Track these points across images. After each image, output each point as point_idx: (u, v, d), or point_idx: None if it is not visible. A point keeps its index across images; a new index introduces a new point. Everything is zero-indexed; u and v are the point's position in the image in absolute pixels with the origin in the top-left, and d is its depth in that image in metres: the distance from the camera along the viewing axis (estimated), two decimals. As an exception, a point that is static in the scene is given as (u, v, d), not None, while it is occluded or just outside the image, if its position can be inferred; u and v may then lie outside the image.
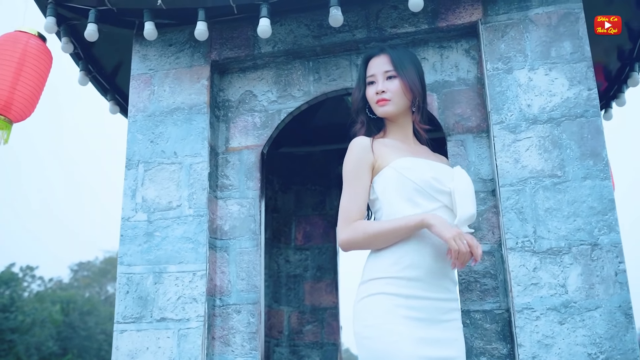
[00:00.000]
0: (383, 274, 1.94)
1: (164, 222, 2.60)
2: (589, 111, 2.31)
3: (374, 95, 2.13)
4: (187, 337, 2.45)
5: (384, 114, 2.14)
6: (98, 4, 2.65)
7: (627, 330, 2.10)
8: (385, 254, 1.97)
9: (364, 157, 2.03)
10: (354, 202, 1.99)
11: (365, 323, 1.92)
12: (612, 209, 2.21)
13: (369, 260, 2.03)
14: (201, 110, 2.70)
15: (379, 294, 1.92)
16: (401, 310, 1.88)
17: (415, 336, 1.85)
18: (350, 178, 2.02)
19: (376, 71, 2.14)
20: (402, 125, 2.18)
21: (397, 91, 2.11)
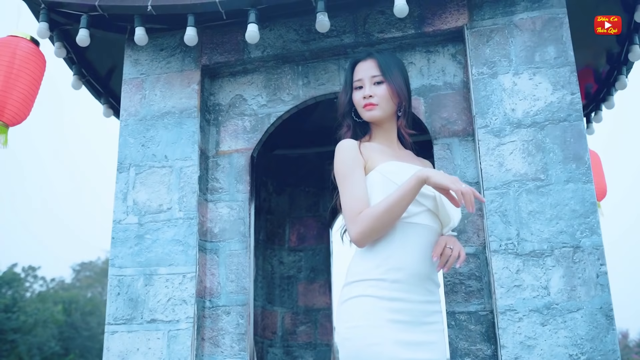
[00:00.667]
0: (366, 276, 1.97)
1: (154, 224, 2.64)
2: (572, 115, 2.35)
3: (361, 100, 2.15)
4: (177, 338, 2.49)
5: (370, 119, 2.17)
6: (90, 10, 2.68)
7: (608, 331, 2.13)
8: (369, 256, 1.99)
9: (355, 155, 2.06)
10: (355, 197, 1.97)
11: (347, 325, 1.95)
12: (594, 212, 2.24)
13: (353, 262, 2.06)
14: (192, 114, 2.74)
15: (362, 296, 1.95)
16: (384, 313, 1.91)
17: (396, 339, 1.88)
18: (347, 174, 2.02)
19: (363, 76, 2.16)
20: (388, 129, 2.21)
21: (384, 96, 2.14)
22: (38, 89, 2.82)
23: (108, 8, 2.66)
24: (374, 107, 2.13)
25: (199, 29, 2.77)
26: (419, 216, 2.02)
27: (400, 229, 1.99)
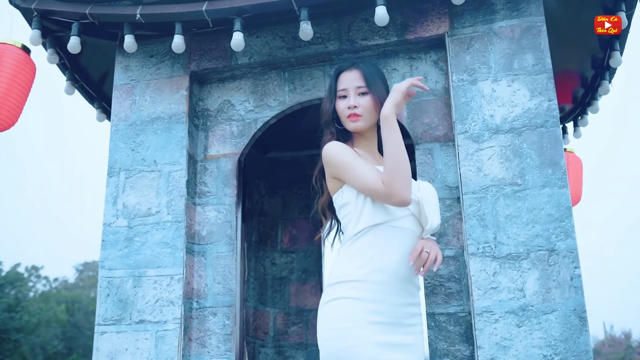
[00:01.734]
0: (349, 277, 2.01)
1: (143, 227, 2.70)
2: (548, 121, 2.40)
3: (345, 110, 2.18)
4: (164, 338, 2.55)
5: (354, 129, 2.19)
6: (81, 18, 2.75)
7: (581, 332, 2.19)
8: (352, 257, 2.03)
9: (348, 148, 2.10)
10: (370, 176, 1.99)
11: (329, 326, 1.99)
12: (569, 216, 2.30)
13: (336, 263, 2.10)
14: (180, 119, 2.80)
15: (344, 298, 2.00)
16: (365, 315, 1.95)
17: (376, 341, 1.93)
18: (347, 161, 2.04)
19: (348, 86, 2.19)
20: (369, 138, 2.25)
21: (368, 107, 2.17)
22: (27, 97, 2.89)
23: (98, 16, 2.73)
24: (358, 118, 2.16)
25: (187, 36, 2.84)
26: (403, 220, 2.07)
27: (384, 232, 2.03)
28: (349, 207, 2.09)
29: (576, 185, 4.00)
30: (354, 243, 2.05)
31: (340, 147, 2.11)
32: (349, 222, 2.09)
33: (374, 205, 2.05)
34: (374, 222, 2.03)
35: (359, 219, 2.05)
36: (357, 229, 2.04)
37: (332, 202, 2.23)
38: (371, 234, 2.03)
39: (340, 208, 2.14)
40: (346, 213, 2.10)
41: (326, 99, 2.26)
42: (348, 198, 2.09)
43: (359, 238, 2.04)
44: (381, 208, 2.05)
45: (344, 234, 2.13)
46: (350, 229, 2.07)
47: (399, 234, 2.05)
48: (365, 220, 2.04)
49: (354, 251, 2.04)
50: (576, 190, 4.00)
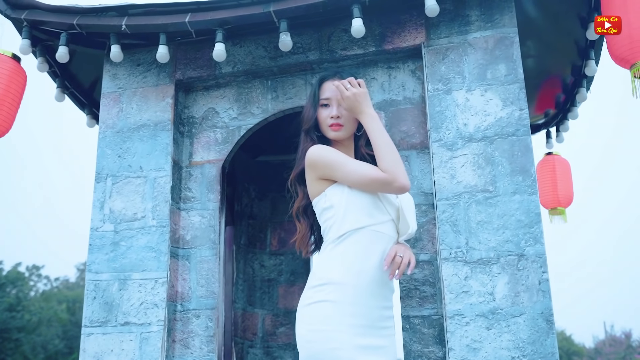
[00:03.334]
0: (330, 280, 2.07)
1: (129, 232, 2.79)
2: (519, 130, 2.48)
3: (327, 119, 2.24)
4: (148, 340, 2.63)
5: (335, 138, 2.25)
6: (69, 28, 2.83)
7: (548, 335, 2.26)
8: (335, 260, 2.09)
9: (335, 149, 2.17)
10: (367, 168, 2.09)
11: (310, 327, 2.05)
12: (538, 222, 2.37)
13: (318, 265, 2.16)
14: (165, 127, 2.88)
15: (325, 301, 2.05)
16: (345, 318, 2.02)
17: (355, 344, 2.00)
18: (340, 158, 2.12)
19: (332, 95, 2.25)
20: (347, 146, 2.32)
21: (350, 117, 2.24)
22: (19, 104, 2.97)
23: (86, 26, 2.81)
24: (340, 128, 2.22)
25: (173, 46, 2.92)
26: (384, 225, 2.14)
27: (366, 236, 2.10)
28: (333, 210, 2.12)
29: (566, 187, 4.07)
30: (336, 246, 2.11)
31: (326, 148, 2.17)
32: (332, 225, 2.13)
33: (356, 209, 2.11)
34: (357, 226, 2.09)
35: (343, 223, 2.10)
36: (340, 232, 2.10)
37: (307, 207, 2.30)
38: (353, 237, 2.09)
39: (323, 211, 2.17)
40: (329, 216, 2.14)
41: (308, 106, 2.29)
42: (332, 201, 2.13)
43: (342, 241, 2.10)
44: (364, 212, 2.11)
45: (325, 237, 2.19)
46: (333, 232, 2.12)
47: (380, 239, 2.12)
48: (349, 224, 2.10)
49: (336, 254, 2.10)
50: (567, 192, 4.07)
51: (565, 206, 3.91)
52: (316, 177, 2.18)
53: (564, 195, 4.03)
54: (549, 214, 4.07)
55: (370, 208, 2.11)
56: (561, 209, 4.03)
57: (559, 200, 4.02)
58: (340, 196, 2.13)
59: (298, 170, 2.30)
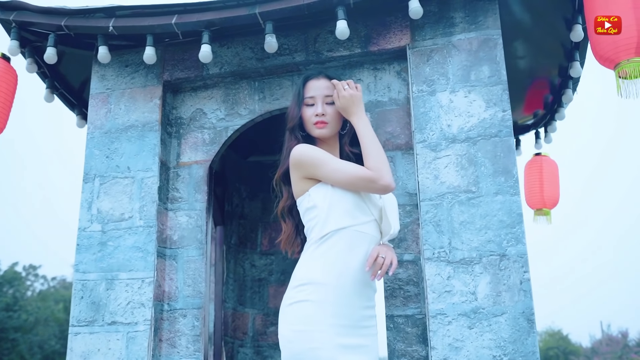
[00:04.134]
0: (312, 280, 2.09)
1: (116, 232, 2.80)
2: (502, 131, 2.50)
3: (312, 117, 2.26)
4: (135, 339, 2.65)
5: (320, 135, 2.27)
6: (57, 29, 2.85)
7: (529, 334, 2.28)
8: (317, 261, 2.11)
9: (320, 148, 2.19)
10: (352, 166, 2.13)
11: (291, 327, 2.07)
12: (520, 222, 2.39)
13: (299, 267, 2.17)
14: (153, 127, 2.90)
15: (307, 301, 2.07)
16: (327, 319, 2.04)
17: (337, 343, 2.02)
18: (325, 156, 2.14)
19: (316, 94, 2.27)
20: (332, 145, 2.34)
21: (334, 115, 2.26)
22: (11, 104, 2.98)
23: (74, 28, 2.83)
24: (325, 126, 2.25)
25: (161, 47, 2.95)
26: (367, 225, 2.16)
27: (349, 236, 2.12)
28: (316, 210, 2.14)
29: (552, 188, 4.10)
30: (318, 247, 2.13)
31: (311, 147, 2.19)
32: (315, 226, 2.14)
33: (339, 209, 2.13)
34: (339, 226, 2.11)
35: (326, 223, 2.12)
36: (323, 232, 2.12)
37: (293, 207, 2.31)
38: (336, 237, 2.11)
39: (306, 211, 2.19)
40: (313, 216, 2.16)
41: (293, 105, 2.31)
42: (315, 201, 2.15)
43: (324, 242, 2.12)
44: (346, 212, 2.13)
45: (308, 237, 2.21)
46: (316, 232, 2.14)
47: (362, 239, 2.14)
48: (332, 224, 2.11)
49: (319, 254, 2.11)
50: (553, 193, 4.10)
51: (551, 207, 3.94)
52: (300, 177, 2.20)
53: (550, 197, 4.06)
54: (534, 215, 4.10)
55: (353, 208, 2.13)
56: (546, 210, 4.05)
57: (545, 201, 4.04)
58: (324, 196, 2.14)
59: (283, 170, 2.31)
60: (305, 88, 2.29)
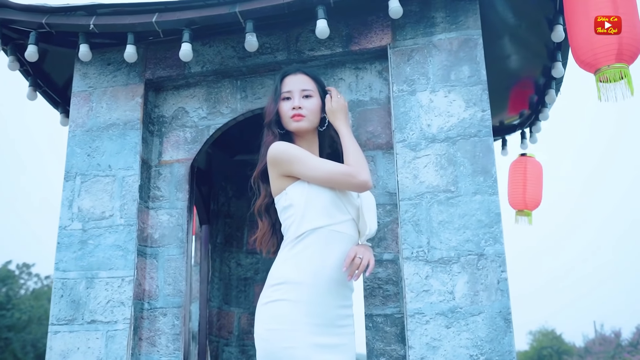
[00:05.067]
0: (288, 280, 2.09)
1: (97, 230, 2.80)
2: (482, 131, 2.50)
3: (288, 110, 2.26)
4: (114, 338, 2.65)
5: (297, 129, 2.27)
6: (38, 27, 2.84)
7: (506, 333, 2.29)
8: (293, 260, 2.11)
9: (297, 146, 2.20)
10: (330, 162, 2.18)
11: (266, 326, 2.08)
12: (498, 222, 2.40)
13: (275, 266, 2.18)
14: (135, 126, 2.89)
15: (282, 300, 2.08)
16: (301, 318, 2.04)
17: (311, 342, 2.02)
18: (303, 154, 2.15)
19: (293, 88, 2.28)
20: (310, 141, 2.33)
21: (312, 109, 2.27)
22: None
23: (55, 25, 2.82)
24: (302, 118, 2.25)
25: (143, 45, 2.94)
26: (343, 225, 2.16)
27: (325, 236, 2.12)
28: (293, 209, 2.15)
29: (536, 190, 4.10)
30: (294, 246, 2.13)
31: (288, 144, 2.19)
32: (291, 224, 2.15)
33: (316, 208, 2.13)
34: (316, 225, 2.11)
35: (302, 222, 2.12)
36: (300, 231, 2.12)
37: (270, 205, 2.31)
38: (312, 237, 2.11)
39: (283, 210, 2.19)
40: (289, 215, 2.16)
41: (270, 100, 2.32)
42: (292, 200, 2.15)
43: (301, 241, 2.12)
44: (323, 212, 2.13)
45: (285, 235, 2.21)
46: (293, 231, 2.14)
47: (339, 238, 2.14)
48: (308, 224, 2.12)
49: (295, 253, 2.12)
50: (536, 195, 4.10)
51: (532, 209, 3.94)
52: (278, 175, 2.20)
53: (532, 198, 4.06)
54: (515, 215, 4.10)
55: (329, 207, 2.14)
56: (527, 211, 4.06)
57: (526, 202, 4.04)
58: (301, 195, 2.15)
59: (260, 168, 2.31)
60: (282, 83, 2.30)
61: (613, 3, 2.35)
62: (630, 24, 2.32)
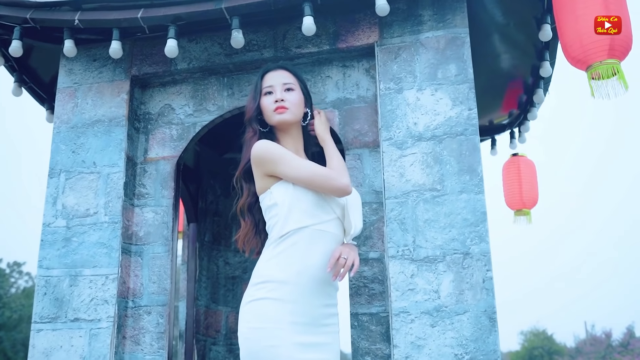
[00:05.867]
0: (272, 278, 2.08)
1: (81, 228, 2.77)
2: (468, 130, 2.49)
3: (271, 104, 2.24)
4: (98, 336, 2.62)
5: (280, 121, 2.24)
6: (23, 22, 2.81)
7: (491, 332, 2.28)
8: (277, 259, 2.10)
9: (280, 146, 2.19)
10: (312, 164, 2.17)
11: (250, 325, 2.06)
12: (484, 221, 2.39)
13: (259, 265, 2.16)
14: (120, 122, 2.87)
15: (266, 299, 2.06)
16: (285, 316, 2.03)
17: (295, 341, 2.01)
18: (286, 153, 2.14)
19: (274, 82, 2.26)
20: (294, 136, 2.31)
21: (295, 102, 2.25)
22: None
23: (40, 20, 2.79)
24: (285, 111, 2.23)
25: (129, 42, 2.92)
26: (328, 224, 2.15)
27: (309, 235, 2.11)
28: (277, 208, 2.13)
29: (532, 188, 4.11)
30: (278, 245, 2.12)
31: (271, 143, 2.17)
32: (276, 224, 2.13)
33: (300, 208, 2.12)
34: (300, 225, 2.10)
35: (286, 221, 2.11)
36: (284, 230, 2.11)
37: (253, 205, 2.29)
38: (297, 236, 2.10)
39: (268, 209, 2.18)
40: (274, 214, 2.15)
41: (250, 97, 2.31)
42: (276, 199, 2.14)
43: (285, 240, 2.11)
44: (307, 211, 2.12)
45: (270, 235, 2.19)
46: (277, 230, 2.13)
47: (323, 238, 2.13)
48: (292, 223, 2.10)
49: (278, 252, 2.10)
50: (532, 193, 4.11)
51: (530, 207, 3.95)
52: (262, 174, 2.19)
53: (529, 197, 4.08)
54: (514, 215, 4.11)
55: (313, 207, 2.12)
56: (526, 210, 4.07)
57: (524, 202, 4.06)
58: (285, 194, 2.13)
59: (243, 166, 2.29)
60: (263, 80, 2.30)
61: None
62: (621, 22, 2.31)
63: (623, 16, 2.35)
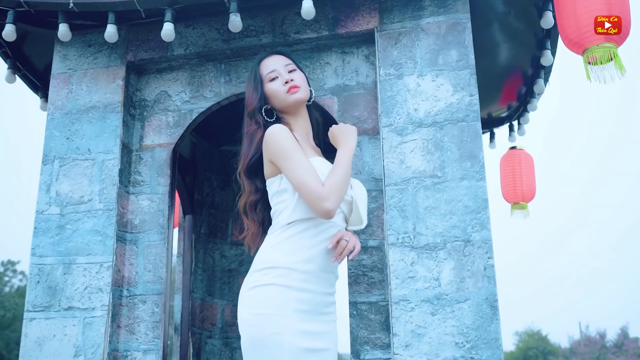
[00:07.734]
0: (278, 264, 2.02)
1: (75, 215, 2.72)
2: (469, 116, 2.46)
3: (281, 87, 2.15)
4: (92, 325, 2.57)
5: (297, 100, 2.16)
6: (16, 6, 2.76)
7: (492, 321, 2.25)
8: (283, 245, 2.04)
9: (292, 137, 2.07)
10: (311, 173, 2.01)
11: (253, 311, 2.00)
12: (485, 208, 2.35)
13: (263, 250, 2.09)
14: (115, 109, 2.82)
15: (271, 285, 2.00)
16: (290, 303, 1.97)
17: (298, 328, 1.96)
18: (292, 153, 2.03)
19: (276, 67, 2.19)
20: (305, 118, 2.23)
21: (303, 80, 2.20)
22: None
23: (34, 4, 2.74)
24: (298, 89, 2.15)
25: (125, 27, 2.87)
26: (336, 217, 2.11)
27: (316, 225, 2.06)
28: (286, 194, 2.07)
29: (528, 182, 4.08)
30: (285, 231, 2.06)
31: (286, 132, 2.07)
32: (283, 210, 2.07)
33: None
34: (307, 216, 2.05)
35: (294, 209, 2.05)
36: (292, 218, 2.05)
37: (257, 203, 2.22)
38: (303, 225, 2.04)
39: (276, 193, 2.11)
40: (282, 199, 2.09)
41: (250, 89, 2.21)
42: (287, 185, 2.06)
43: (291, 227, 2.05)
44: None
45: (274, 220, 2.13)
46: (284, 217, 2.07)
47: (329, 228, 2.09)
48: (300, 212, 2.05)
49: (284, 239, 2.05)
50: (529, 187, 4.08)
51: (527, 201, 3.92)
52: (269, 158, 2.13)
53: (526, 191, 4.04)
54: (511, 209, 4.08)
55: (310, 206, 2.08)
56: (523, 203, 4.04)
57: (521, 195, 4.03)
58: None
59: (246, 162, 2.20)
60: (261, 68, 2.21)
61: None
62: (620, 4, 2.28)
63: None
